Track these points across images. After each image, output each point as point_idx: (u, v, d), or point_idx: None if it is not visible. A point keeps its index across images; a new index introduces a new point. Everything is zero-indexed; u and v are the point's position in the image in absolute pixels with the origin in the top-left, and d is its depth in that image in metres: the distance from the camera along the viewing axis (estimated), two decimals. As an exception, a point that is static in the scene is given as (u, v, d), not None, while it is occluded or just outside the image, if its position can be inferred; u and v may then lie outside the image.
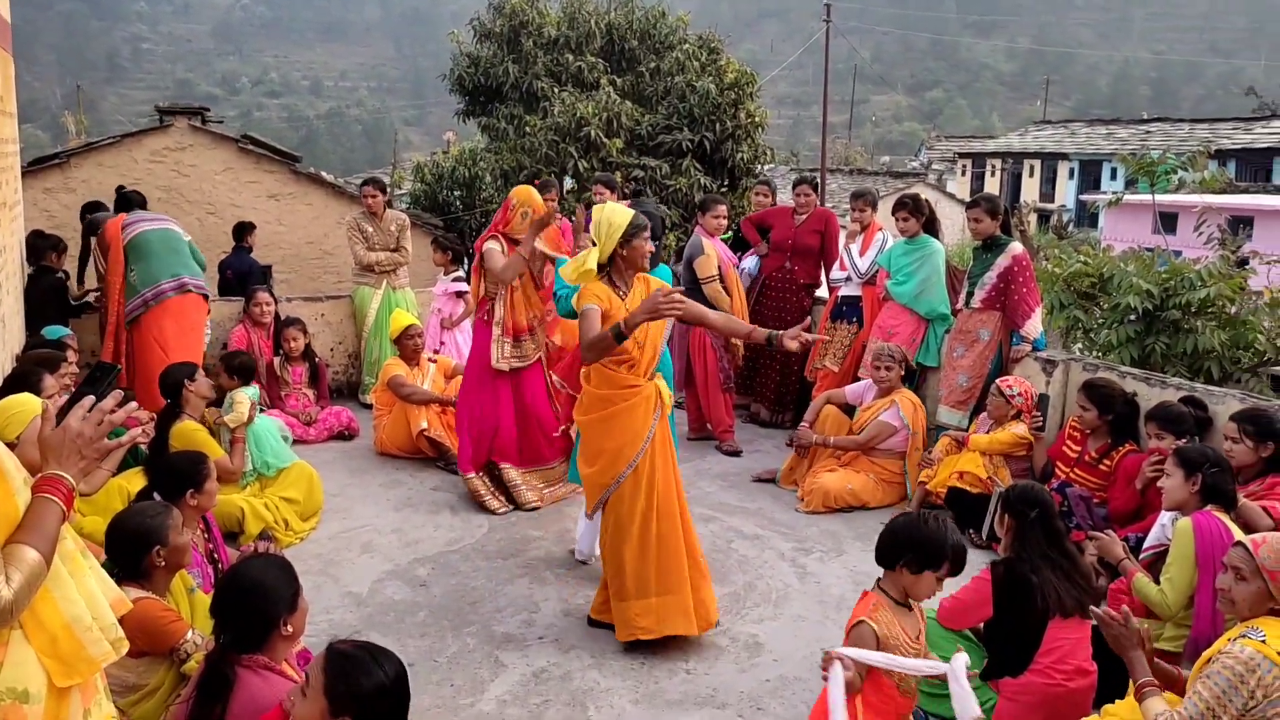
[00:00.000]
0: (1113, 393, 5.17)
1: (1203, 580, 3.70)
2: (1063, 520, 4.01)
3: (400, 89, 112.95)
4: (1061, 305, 7.59)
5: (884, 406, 6.15)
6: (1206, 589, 3.67)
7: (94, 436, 2.00)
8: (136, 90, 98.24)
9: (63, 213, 10.38)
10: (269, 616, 2.78)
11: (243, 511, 5.21)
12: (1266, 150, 29.90)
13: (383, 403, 6.98)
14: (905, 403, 6.14)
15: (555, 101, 13.18)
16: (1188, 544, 3.74)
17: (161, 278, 6.74)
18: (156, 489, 3.88)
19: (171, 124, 11.03)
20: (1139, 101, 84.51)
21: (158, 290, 6.69)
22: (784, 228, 7.64)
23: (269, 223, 11.23)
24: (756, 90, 13.67)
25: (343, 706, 2.34)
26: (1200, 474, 3.87)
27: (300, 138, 74.93)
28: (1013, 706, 3.61)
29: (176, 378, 5.43)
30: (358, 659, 2.41)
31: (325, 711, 2.33)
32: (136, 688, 3.09)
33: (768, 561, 5.31)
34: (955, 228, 32.98)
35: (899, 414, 6.09)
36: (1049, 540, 3.66)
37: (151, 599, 3.17)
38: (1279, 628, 2.80)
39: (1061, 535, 3.71)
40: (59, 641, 1.95)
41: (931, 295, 6.63)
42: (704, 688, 4.03)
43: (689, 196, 12.64)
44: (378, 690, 2.37)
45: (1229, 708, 2.74)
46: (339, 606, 4.68)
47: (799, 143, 67.29)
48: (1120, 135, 35.94)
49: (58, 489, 1.94)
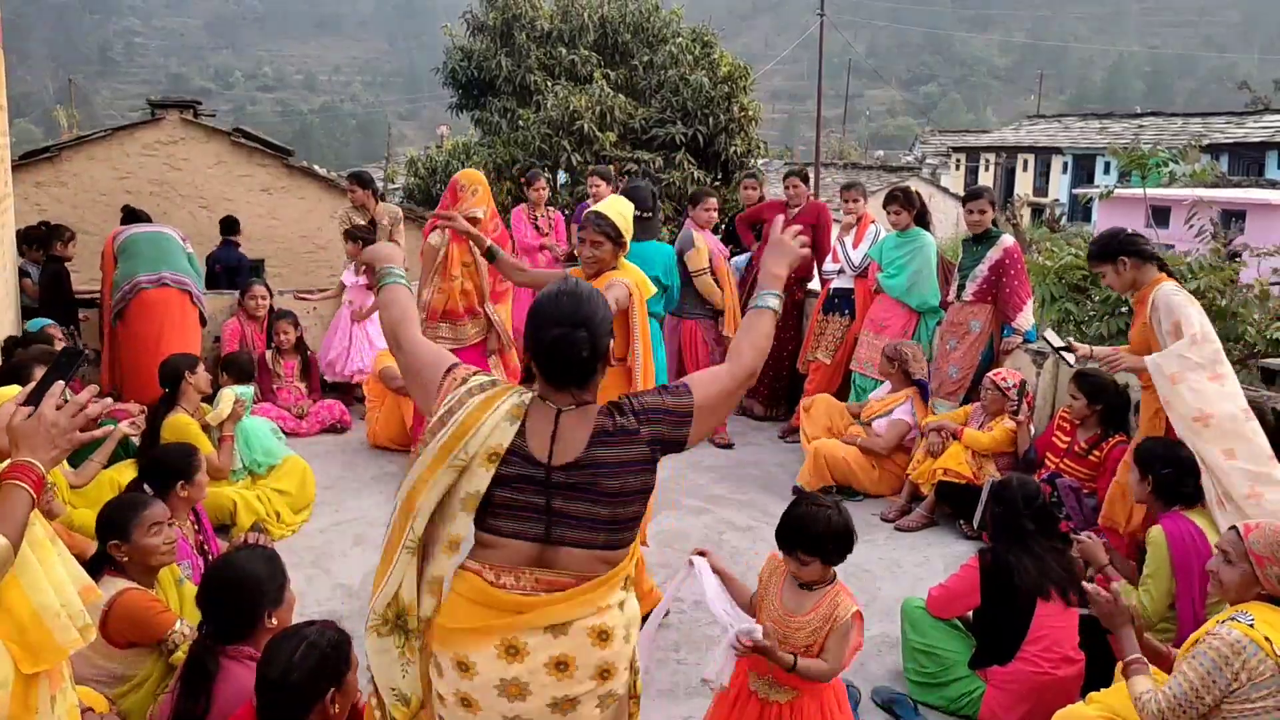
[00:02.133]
0: (1103, 383, 5.18)
1: (1181, 588, 3.71)
2: (1053, 511, 4.04)
3: (394, 83, 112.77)
4: (1053, 298, 7.61)
5: (898, 401, 6.18)
6: (1185, 596, 3.69)
7: (68, 427, 2.00)
8: (129, 84, 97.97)
9: (54, 206, 10.35)
10: (253, 608, 2.78)
11: (235, 504, 5.21)
12: (1259, 145, 29.91)
13: (374, 395, 6.98)
14: (918, 400, 6.19)
15: (548, 95, 13.18)
16: (1162, 554, 3.75)
17: (139, 272, 6.76)
18: (146, 480, 3.87)
19: (163, 117, 10.99)
20: (1133, 96, 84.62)
21: (133, 283, 6.72)
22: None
23: (261, 216, 11.20)
24: (750, 84, 13.69)
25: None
26: (1152, 475, 3.92)
27: (294, 132, 74.71)
28: (1000, 695, 3.64)
29: (179, 367, 5.41)
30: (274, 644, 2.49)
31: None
32: (125, 678, 3.09)
33: (760, 553, 5.31)
34: (949, 222, 33.08)
35: (910, 410, 6.13)
36: (1031, 527, 3.69)
37: (139, 590, 3.17)
38: (1268, 613, 2.82)
39: (1044, 522, 3.72)
40: (27, 629, 1.94)
41: (923, 288, 6.63)
42: (695, 677, 4.04)
43: (682, 190, 12.65)
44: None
45: (1212, 689, 2.77)
46: (330, 598, 4.68)
47: (793, 137, 67.36)
48: (1114, 129, 35.93)
49: (27, 476, 1.93)
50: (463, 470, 2.22)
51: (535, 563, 2.24)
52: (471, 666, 2.18)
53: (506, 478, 2.22)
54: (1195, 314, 4.21)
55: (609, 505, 2.23)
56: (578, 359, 2.25)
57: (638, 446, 2.25)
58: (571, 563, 2.23)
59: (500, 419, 2.23)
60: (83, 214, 10.42)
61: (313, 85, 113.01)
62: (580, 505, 2.22)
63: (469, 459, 2.21)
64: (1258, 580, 2.88)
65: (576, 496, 2.22)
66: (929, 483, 5.72)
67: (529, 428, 2.25)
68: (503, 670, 2.17)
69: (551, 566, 2.23)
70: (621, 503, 2.25)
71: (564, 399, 2.28)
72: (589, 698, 2.22)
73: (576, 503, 2.22)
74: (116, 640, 3.07)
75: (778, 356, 7.62)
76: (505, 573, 2.23)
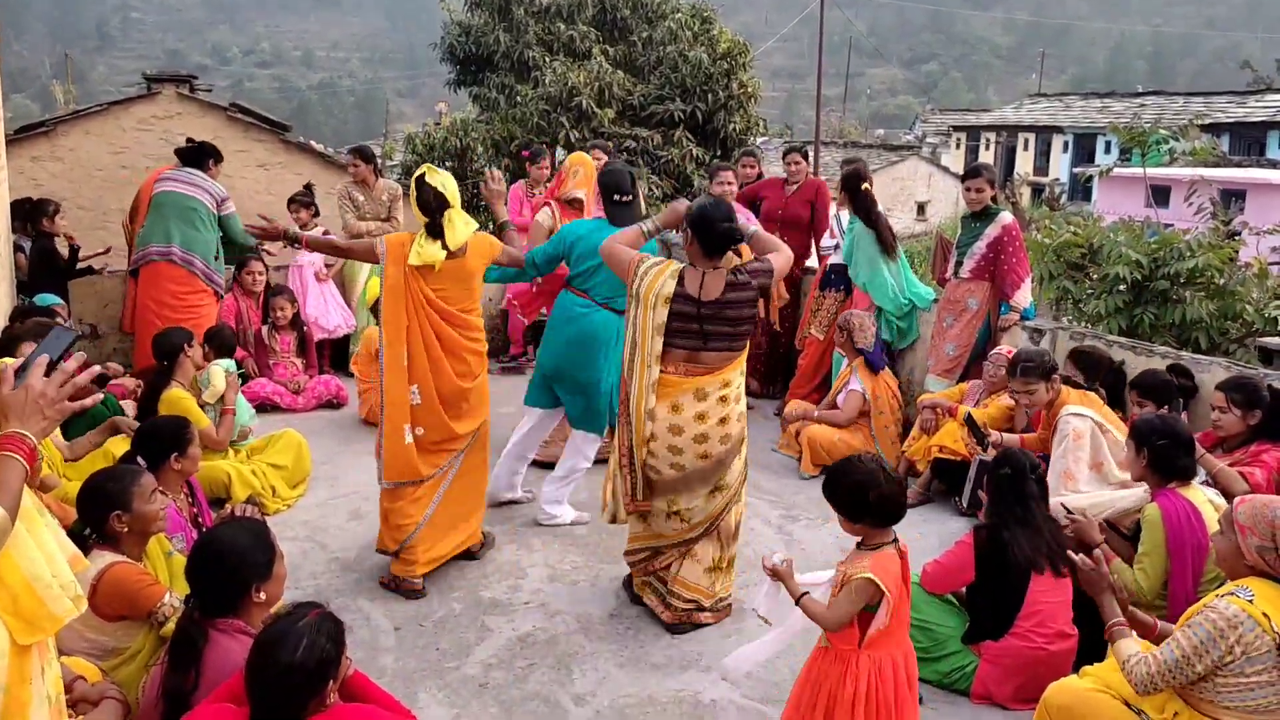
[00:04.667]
0: (1100, 360, 5.17)
1: (1175, 568, 3.69)
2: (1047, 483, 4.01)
3: (393, 60, 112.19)
4: (1051, 276, 7.59)
5: (847, 376, 6.30)
6: (1179, 576, 3.67)
7: (56, 397, 1.99)
8: (126, 60, 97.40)
9: (50, 181, 10.29)
10: (240, 581, 2.76)
11: (229, 477, 5.20)
12: (1261, 125, 29.79)
13: (367, 372, 6.94)
14: (863, 371, 6.23)
15: (547, 71, 13.10)
16: (1158, 534, 3.71)
17: (153, 240, 6.75)
18: (140, 453, 3.87)
19: (159, 92, 10.91)
20: (1135, 75, 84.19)
21: (145, 251, 6.75)
22: (775, 198, 7.61)
23: (258, 192, 11.13)
24: (749, 61, 13.61)
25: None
26: (1147, 448, 3.83)
27: (292, 109, 74.39)
28: (993, 669, 3.65)
29: (176, 342, 5.42)
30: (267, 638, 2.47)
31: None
32: (116, 651, 3.09)
33: (754, 529, 5.33)
34: (949, 201, 32.98)
35: (859, 382, 6.19)
36: (1021, 499, 3.68)
37: (127, 563, 3.16)
38: (1268, 589, 2.81)
39: (1034, 496, 3.72)
40: (20, 599, 1.94)
41: (872, 285, 6.66)
42: (689, 652, 4.05)
43: (681, 167, 12.59)
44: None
45: (1204, 658, 2.78)
46: (326, 572, 4.69)
47: (793, 116, 67.07)
48: (1115, 108, 35.77)
49: (19, 448, 1.93)
50: (654, 308, 3.86)
51: (688, 360, 3.93)
52: (655, 417, 3.93)
53: (676, 313, 3.86)
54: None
55: (733, 325, 3.92)
56: (732, 241, 3.90)
57: (750, 291, 3.92)
58: (709, 360, 3.94)
59: (667, 278, 3.88)
60: (79, 188, 10.36)
61: (310, 62, 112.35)
62: (718, 326, 3.89)
63: (655, 300, 3.86)
64: (1241, 552, 2.87)
65: (717, 320, 3.87)
66: (925, 460, 5.73)
67: (686, 282, 3.86)
68: (670, 419, 3.93)
69: (698, 363, 3.93)
70: (741, 322, 3.95)
71: (710, 264, 3.91)
72: (715, 433, 3.97)
73: (716, 325, 3.88)
74: (105, 613, 3.06)
75: (773, 333, 7.61)
76: (670, 366, 3.92)
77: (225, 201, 7.05)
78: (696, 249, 3.91)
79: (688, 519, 4.11)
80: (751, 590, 4.57)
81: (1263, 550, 2.82)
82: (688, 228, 3.93)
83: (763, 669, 3.93)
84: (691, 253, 3.93)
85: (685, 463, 4.00)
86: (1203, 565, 3.66)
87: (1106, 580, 3.11)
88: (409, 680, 3.78)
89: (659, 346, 3.87)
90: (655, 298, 3.85)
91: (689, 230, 3.93)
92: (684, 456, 3.98)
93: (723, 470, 4.07)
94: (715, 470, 4.04)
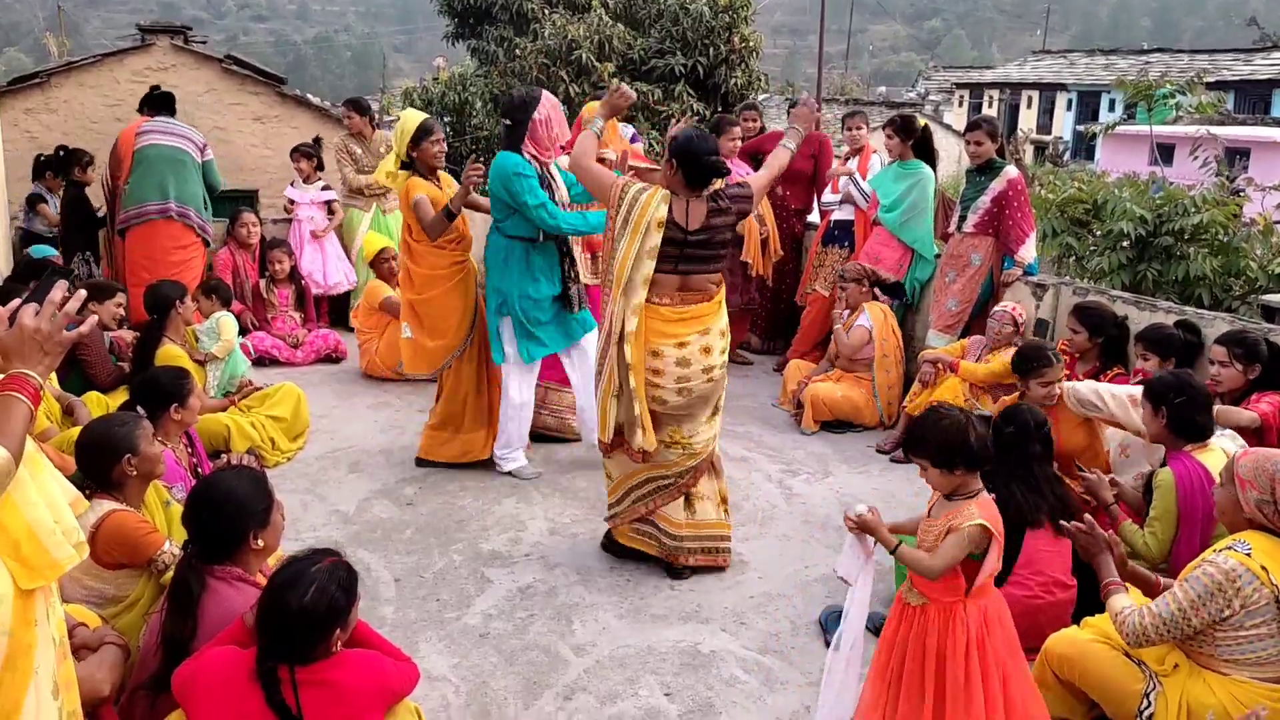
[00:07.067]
0: (1103, 315, 5.12)
1: (1183, 534, 3.63)
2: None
3: (389, 14, 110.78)
4: (1055, 232, 7.53)
5: (855, 318, 6.30)
6: (1186, 541, 3.63)
7: (52, 331, 1.96)
8: (119, 14, 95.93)
9: (44, 133, 10.20)
10: (238, 529, 2.75)
11: (229, 430, 5.19)
12: (1266, 82, 29.54)
13: (368, 325, 6.92)
14: (874, 310, 6.26)
15: (546, 23, 12.91)
16: (1170, 497, 3.63)
17: (149, 197, 6.68)
18: (140, 403, 3.85)
19: (153, 43, 10.78)
20: (1139, 32, 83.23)
21: (141, 209, 6.67)
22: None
23: (255, 145, 11.04)
24: (751, 14, 13.39)
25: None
26: (1165, 406, 3.75)
27: (288, 64, 73.41)
28: (993, 620, 3.65)
29: (169, 296, 5.40)
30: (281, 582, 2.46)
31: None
32: (116, 600, 3.09)
33: (755, 483, 5.33)
34: (951, 159, 32.69)
35: (868, 319, 6.20)
36: (1023, 460, 3.66)
37: (127, 511, 3.15)
38: (1266, 542, 2.80)
39: (1036, 457, 3.69)
40: (22, 545, 1.92)
41: (916, 225, 6.54)
42: (689, 603, 4.07)
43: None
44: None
45: (1200, 612, 2.77)
46: (325, 524, 4.69)
47: (795, 73, 66.32)
48: (1119, 66, 35.36)
49: (24, 388, 1.90)
50: (645, 233, 3.86)
51: (680, 288, 3.99)
52: (661, 353, 3.96)
53: (665, 238, 3.87)
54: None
55: (714, 249, 4.03)
56: (715, 172, 3.94)
57: (729, 217, 4.03)
58: (695, 284, 4.02)
59: (659, 202, 3.88)
60: (73, 141, 10.19)
61: (306, 15, 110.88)
62: (701, 250, 3.97)
63: (648, 225, 3.85)
64: (1239, 504, 2.86)
65: (700, 245, 3.95)
66: (920, 411, 5.70)
67: (674, 209, 3.89)
68: (677, 353, 3.97)
69: (687, 289, 4.00)
70: (721, 246, 4.07)
71: (693, 193, 3.95)
72: (718, 344, 4.08)
73: (699, 249, 3.96)
74: (105, 561, 3.06)
75: (776, 289, 7.57)
76: (664, 297, 3.96)
77: (206, 147, 7.03)
78: (680, 179, 3.94)
79: (689, 446, 4.12)
80: (752, 544, 4.60)
81: (1261, 504, 2.81)
82: (672, 158, 3.95)
83: (762, 618, 3.95)
84: (674, 182, 3.96)
85: (693, 387, 4.03)
86: (1211, 531, 3.61)
87: (1102, 545, 3.07)
88: (409, 630, 3.79)
89: (649, 269, 3.88)
90: (649, 223, 3.85)
91: (673, 161, 3.94)
92: (692, 383, 4.02)
93: (720, 389, 4.18)
94: (715, 391, 4.13)
